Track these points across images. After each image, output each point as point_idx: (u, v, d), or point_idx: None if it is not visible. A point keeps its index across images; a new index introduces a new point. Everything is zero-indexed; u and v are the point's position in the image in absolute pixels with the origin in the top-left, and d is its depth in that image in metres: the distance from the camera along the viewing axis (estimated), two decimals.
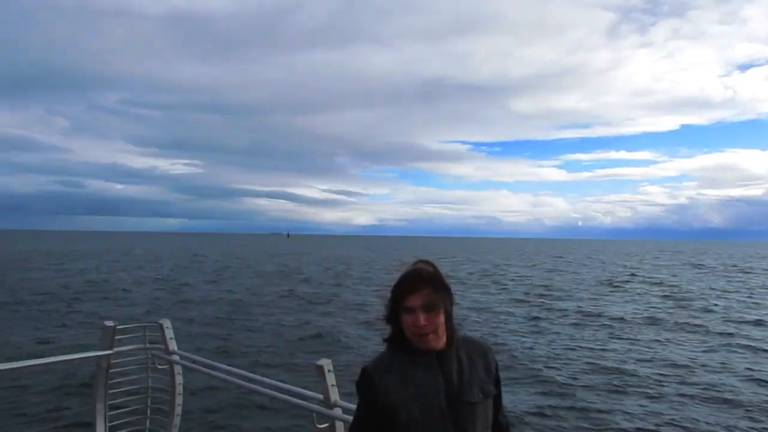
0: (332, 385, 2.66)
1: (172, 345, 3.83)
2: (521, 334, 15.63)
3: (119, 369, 3.87)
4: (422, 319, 1.62)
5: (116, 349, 3.80)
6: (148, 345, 3.94)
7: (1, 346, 12.98)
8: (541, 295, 25.26)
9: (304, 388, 2.98)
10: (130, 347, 3.91)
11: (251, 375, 3.33)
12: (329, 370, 2.67)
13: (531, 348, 13.54)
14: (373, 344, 14.36)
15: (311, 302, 22.21)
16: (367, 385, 1.66)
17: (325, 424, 2.67)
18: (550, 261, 63.32)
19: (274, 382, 3.13)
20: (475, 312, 19.76)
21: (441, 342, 1.67)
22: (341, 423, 2.61)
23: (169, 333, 3.84)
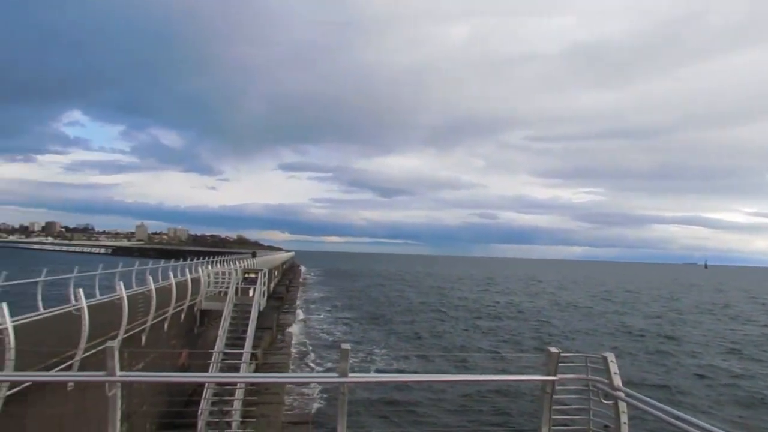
0: None
1: (617, 380, 3.77)
2: None
3: (561, 396, 4.02)
4: None
5: (560, 376, 3.94)
6: (590, 376, 3.98)
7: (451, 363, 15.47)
8: None
9: None
10: (571, 376, 4.01)
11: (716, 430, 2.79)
12: None
13: None
14: None
15: None
16: None
17: None
18: None
19: None
20: None
21: None
22: None
23: (614, 367, 3.80)
